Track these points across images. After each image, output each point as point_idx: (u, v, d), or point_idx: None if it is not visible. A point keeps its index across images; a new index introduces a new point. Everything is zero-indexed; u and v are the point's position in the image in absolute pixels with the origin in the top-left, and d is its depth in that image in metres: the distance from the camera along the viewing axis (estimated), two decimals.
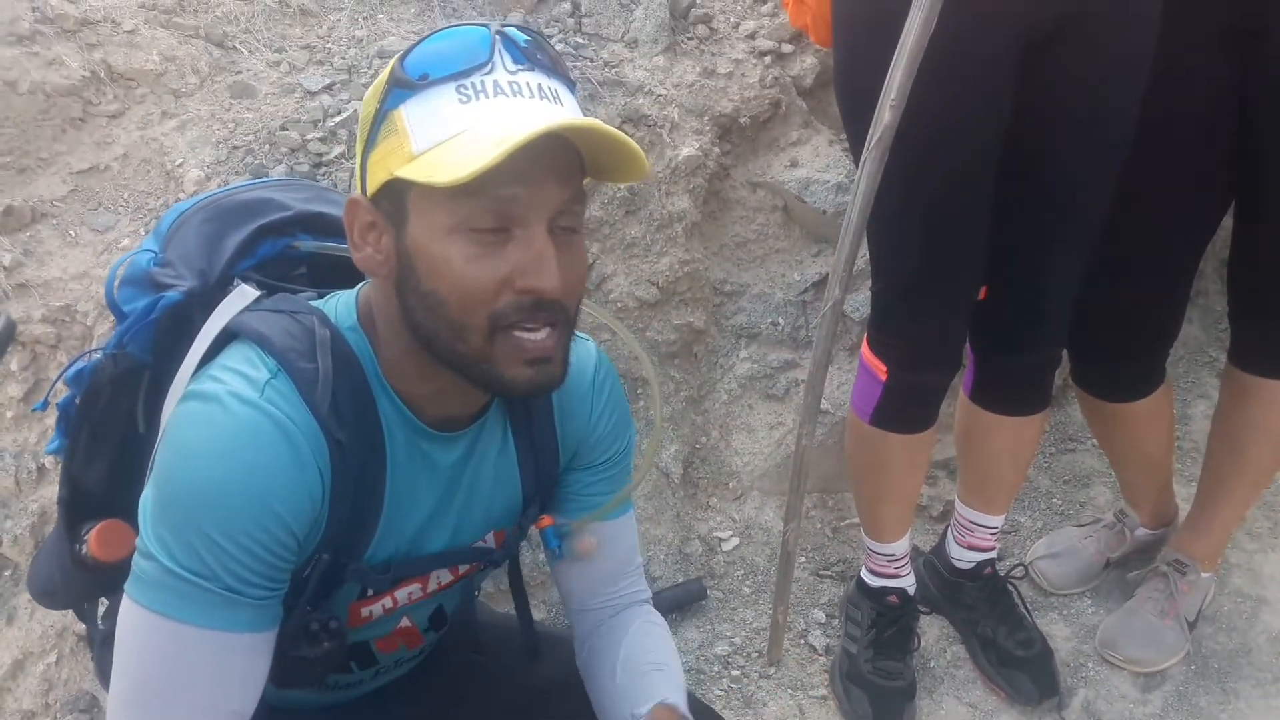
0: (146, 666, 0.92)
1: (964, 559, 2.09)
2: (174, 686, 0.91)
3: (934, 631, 2.16)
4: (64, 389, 1.13)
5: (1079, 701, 2.00)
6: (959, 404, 2.01)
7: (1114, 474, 2.34)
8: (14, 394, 1.92)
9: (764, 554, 2.31)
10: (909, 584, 2.05)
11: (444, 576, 1.16)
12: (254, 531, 0.90)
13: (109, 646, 1.12)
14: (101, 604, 1.23)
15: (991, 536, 2.07)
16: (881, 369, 1.79)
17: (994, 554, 2.10)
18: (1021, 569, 2.22)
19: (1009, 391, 1.89)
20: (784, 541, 1.92)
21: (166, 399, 1.02)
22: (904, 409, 1.84)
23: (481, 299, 0.90)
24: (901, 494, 1.98)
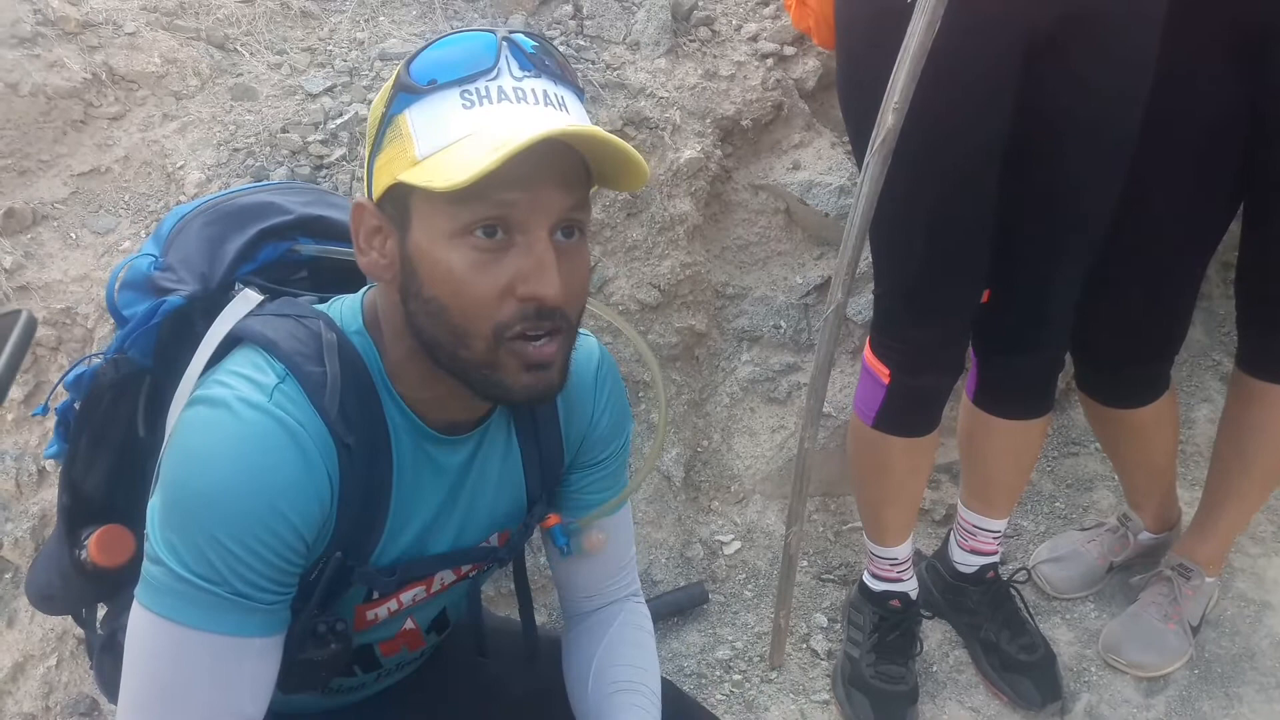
0: (156, 671, 0.92)
1: (967, 563, 2.09)
2: (184, 691, 0.91)
3: (936, 636, 2.15)
4: (63, 393, 1.13)
5: (1082, 706, 2.00)
6: (962, 407, 2.01)
7: (1117, 478, 2.33)
8: (14, 396, 1.92)
9: (766, 558, 2.31)
10: (911, 588, 2.04)
11: (448, 576, 1.16)
12: (263, 536, 0.90)
13: (108, 652, 1.13)
14: (100, 609, 1.23)
15: (994, 540, 2.07)
16: (884, 372, 1.79)
17: (997, 558, 2.10)
18: (1024, 573, 2.21)
19: (1012, 395, 1.89)
20: (786, 545, 1.92)
21: (171, 404, 1.01)
22: (906, 412, 1.83)
23: (484, 307, 0.90)
24: (904, 498, 1.97)
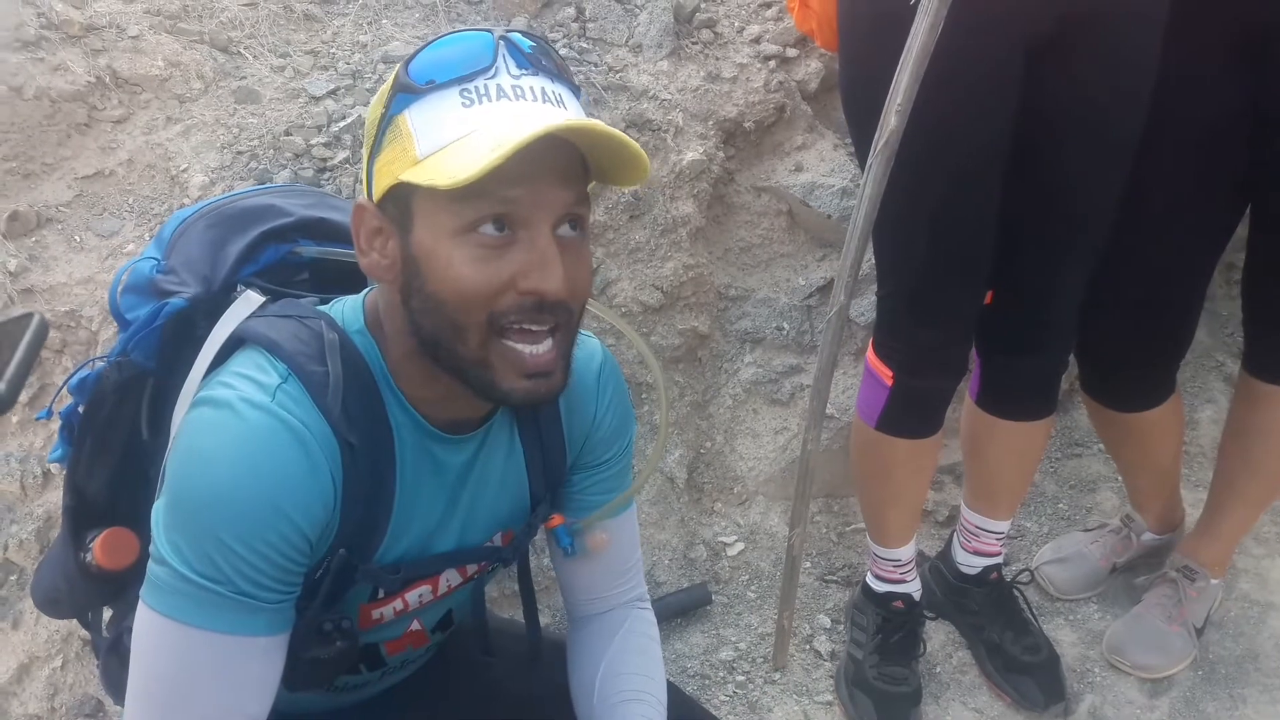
0: (162, 671, 0.93)
1: (970, 564, 2.09)
2: (190, 691, 0.92)
3: (940, 637, 2.15)
4: (68, 397, 1.13)
5: (1085, 707, 1.99)
6: (965, 409, 2.01)
7: (1121, 479, 2.33)
8: (19, 398, 1.92)
9: (769, 559, 2.31)
10: (914, 589, 2.04)
11: (454, 578, 1.16)
12: (268, 535, 0.90)
13: (114, 654, 1.13)
14: (106, 612, 1.23)
15: (997, 542, 2.06)
16: (887, 374, 1.79)
17: (1000, 559, 2.10)
18: (1028, 574, 2.21)
19: (1015, 396, 1.89)
20: (789, 546, 1.91)
21: (175, 406, 1.02)
22: (909, 414, 1.83)
23: (480, 298, 0.90)
24: (907, 499, 1.97)
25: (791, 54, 2.39)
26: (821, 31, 1.78)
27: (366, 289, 1.06)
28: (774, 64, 2.36)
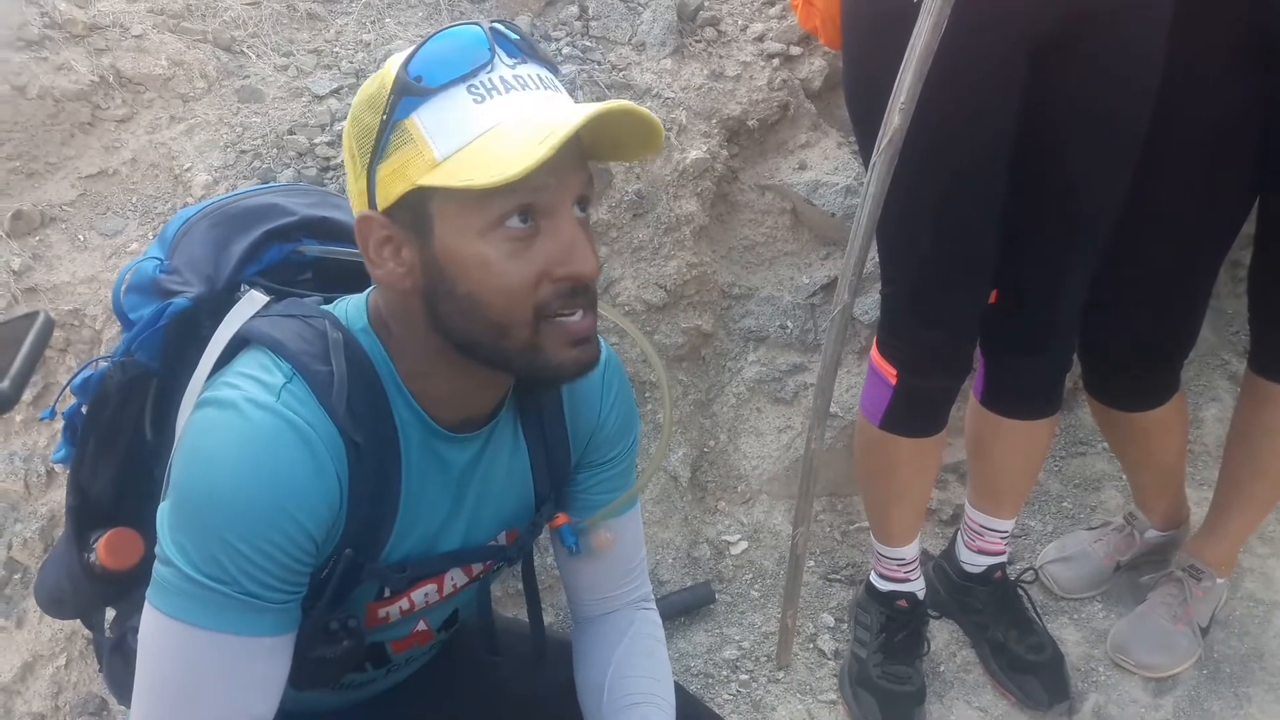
0: (168, 672, 0.93)
1: (974, 563, 2.09)
2: (196, 691, 0.92)
3: (944, 636, 2.15)
4: (71, 397, 1.13)
5: (1090, 706, 1.99)
6: (969, 408, 2.01)
7: (1125, 477, 2.33)
8: (23, 397, 1.92)
9: (772, 558, 2.30)
10: (918, 588, 2.04)
11: (459, 578, 1.16)
12: (272, 536, 0.90)
13: (118, 654, 1.13)
14: (109, 613, 1.23)
15: (1002, 540, 2.06)
16: (891, 373, 1.78)
17: (1004, 558, 2.09)
18: (1032, 573, 2.21)
19: (1019, 395, 1.88)
20: (793, 545, 1.91)
21: (180, 407, 1.02)
22: (914, 413, 1.83)
23: (523, 294, 0.91)
24: (911, 498, 1.97)
25: (795, 52, 2.38)
26: (825, 29, 1.78)
27: (370, 287, 1.06)
28: (778, 62, 2.36)
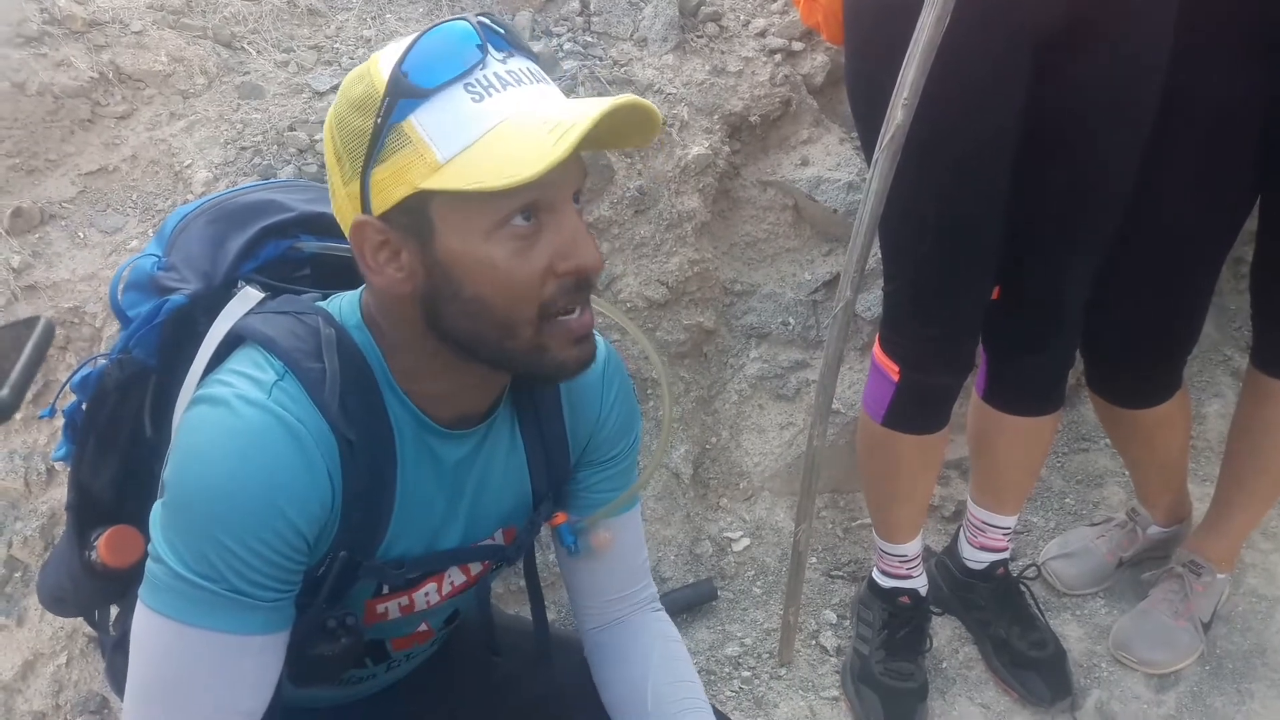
0: (159, 669, 0.92)
1: (976, 559, 2.08)
2: (186, 689, 0.92)
3: (946, 632, 2.15)
4: (71, 395, 1.13)
5: (1092, 702, 1.99)
6: (971, 404, 2.00)
7: (1127, 473, 2.32)
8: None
9: (775, 554, 2.30)
10: (921, 585, 2.04)
11: (458, 578, 1.16)
12: (263, 534, 0.89)
13: (120, 652, 1.13)
14: (112, 610, 1.23)
15: (1004, 537, 2.06)
16: (893, 369, 1.78)
17: (1006, 554, 2.09)
18: (1034, 569, 2.21)
19: (1022, 392, 1.88)
20: (795, 542, 1.91)
21: (176, 404, 1.01)
22: (916, 410, 1.82)
23: (529, 292, 0.90)
24: (914, 495, 1.96)
25: (797, 47, 2.38)
26: (827, 25, 1.77)
27: (365, 284, 1.06)
28: (780, 58, 2.35)
